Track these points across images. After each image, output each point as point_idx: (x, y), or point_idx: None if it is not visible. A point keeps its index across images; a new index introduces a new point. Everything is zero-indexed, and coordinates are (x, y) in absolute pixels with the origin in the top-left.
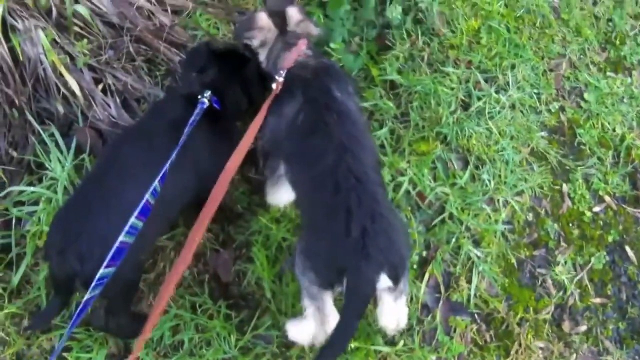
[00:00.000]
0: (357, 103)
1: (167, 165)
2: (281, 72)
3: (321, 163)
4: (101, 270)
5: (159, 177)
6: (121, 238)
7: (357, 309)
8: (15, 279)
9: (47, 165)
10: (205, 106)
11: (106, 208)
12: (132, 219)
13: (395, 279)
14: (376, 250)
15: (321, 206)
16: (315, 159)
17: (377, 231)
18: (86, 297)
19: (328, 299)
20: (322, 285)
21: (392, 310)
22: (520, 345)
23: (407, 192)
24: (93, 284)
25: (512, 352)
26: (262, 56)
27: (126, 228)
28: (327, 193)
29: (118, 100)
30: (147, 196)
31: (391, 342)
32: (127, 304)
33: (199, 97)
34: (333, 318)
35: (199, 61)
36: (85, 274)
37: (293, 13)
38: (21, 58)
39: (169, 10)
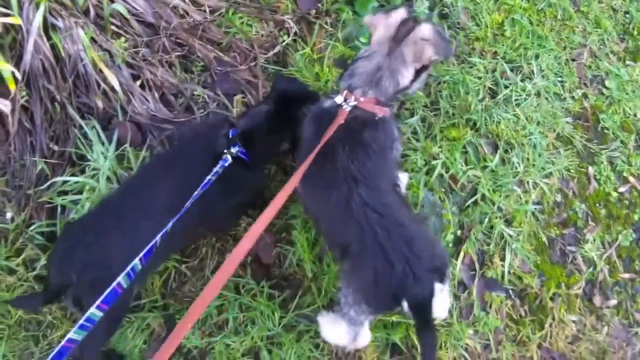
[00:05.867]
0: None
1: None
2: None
3: (334, 192)
4: (91, 310)
5: (171, 223)
6: (120, 280)
7: (429, 321)
8: None
9: (88, 157)
10: (227, 163)
11: (122, 237)
12: (136, 261)
13: (443, 278)
14: (423, 270)
15: (352, 242)
16: (326, 185)
17: (417, 253)
18: (68, 335)
19: (367, 323)
20: (375, 312)
21: (440, 302)
22: (554, 319)
23: (441, 175)
24: (79, 322)
25: (547, 325)
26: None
27: (127, 269)
28: (352, 229)
29: (156, 94)
30: (157, 238)
31: None
32: (105, 341)
33: (225, 151)
34: (364, 338)
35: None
36: (77, 288)
37: (425, 31)
38: (62, 55)
39: (207, 10)
